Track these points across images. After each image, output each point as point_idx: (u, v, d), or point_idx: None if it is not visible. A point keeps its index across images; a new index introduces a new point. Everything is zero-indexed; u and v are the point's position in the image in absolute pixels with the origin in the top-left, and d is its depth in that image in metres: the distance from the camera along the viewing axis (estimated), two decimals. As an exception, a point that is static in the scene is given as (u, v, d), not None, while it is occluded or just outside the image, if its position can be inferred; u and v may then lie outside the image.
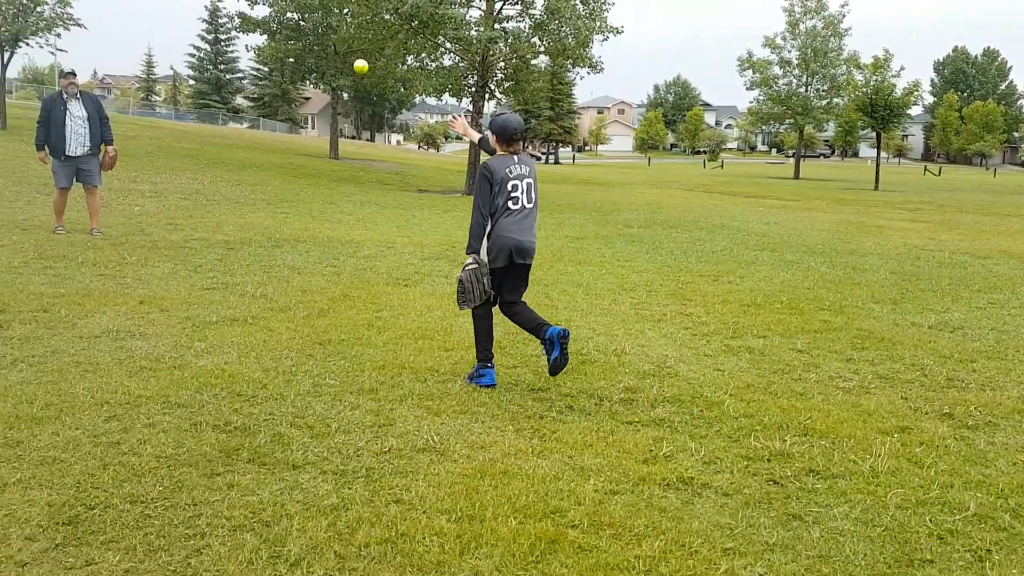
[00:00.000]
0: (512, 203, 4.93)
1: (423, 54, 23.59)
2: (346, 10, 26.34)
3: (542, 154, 76.11)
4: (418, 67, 24.25)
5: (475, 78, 22.97)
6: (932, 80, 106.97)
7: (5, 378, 4.65)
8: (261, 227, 11.70)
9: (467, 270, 4.92)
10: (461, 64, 23.37)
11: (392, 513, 3.26)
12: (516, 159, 5.01)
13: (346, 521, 3.18)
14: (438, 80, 22.85)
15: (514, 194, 4.93)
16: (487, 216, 4.92)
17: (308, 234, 11.32)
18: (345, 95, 44.89)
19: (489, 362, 5.05)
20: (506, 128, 5.04)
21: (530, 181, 5.02)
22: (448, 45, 22.80)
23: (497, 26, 22.39)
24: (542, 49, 22.80)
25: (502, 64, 23.51)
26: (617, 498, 3.50)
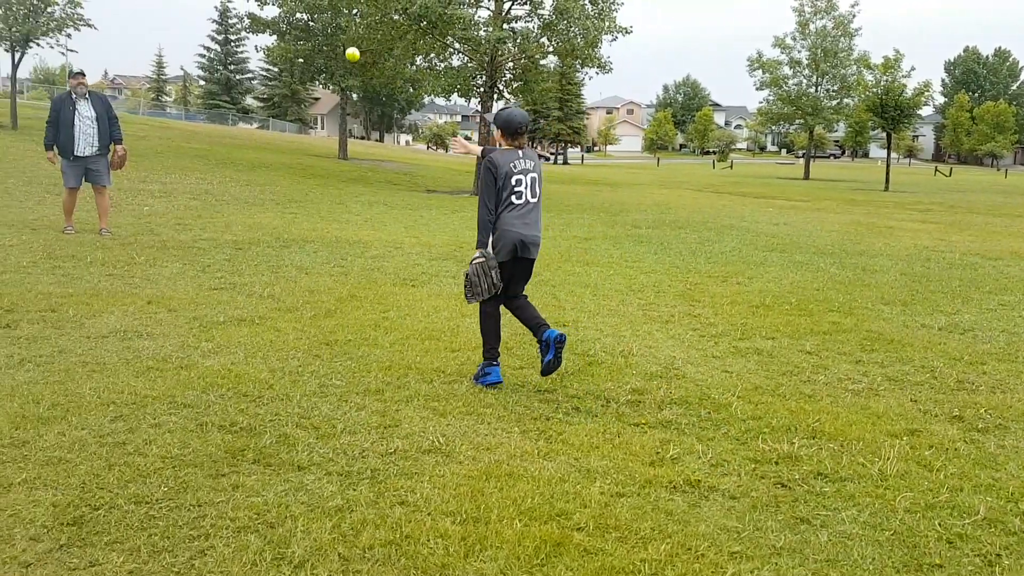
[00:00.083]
0: (516, 197, 4.91)
1: (432, 54, 23.63)
2: (355, 11, 26.39)
3: (551, 154, 76.00)
4: (427, 67, 24.29)
5: (484, 78, 22.99)
6: (943, 80, 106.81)
7: (12, 378, 4.67)
8: (270, 227, 11.73)
9: (474, 263, 4.91)
10: (470, 64, 23.38)
11: (397, 515, 3.25)
12: (520, 153, 4.99)
13: (350, 523, 3.17)
14: (447, 80, 22.89)
15: (518, 188, 4.91)
16: (492, 210, 4.91)
17: (316, 234, 11.33)
18: (354, 96, 44.90)
19: (495, 360, 5.04)
20: (511, 122, 5.01)
21: (534, 176, 5.00)
22: (457, 45, 22.83)
23: (506, 26, 22.38)
24: (551, 49, 22.79)
25: (511, 64, 23.49)
26: (623, 501, 3.48)
